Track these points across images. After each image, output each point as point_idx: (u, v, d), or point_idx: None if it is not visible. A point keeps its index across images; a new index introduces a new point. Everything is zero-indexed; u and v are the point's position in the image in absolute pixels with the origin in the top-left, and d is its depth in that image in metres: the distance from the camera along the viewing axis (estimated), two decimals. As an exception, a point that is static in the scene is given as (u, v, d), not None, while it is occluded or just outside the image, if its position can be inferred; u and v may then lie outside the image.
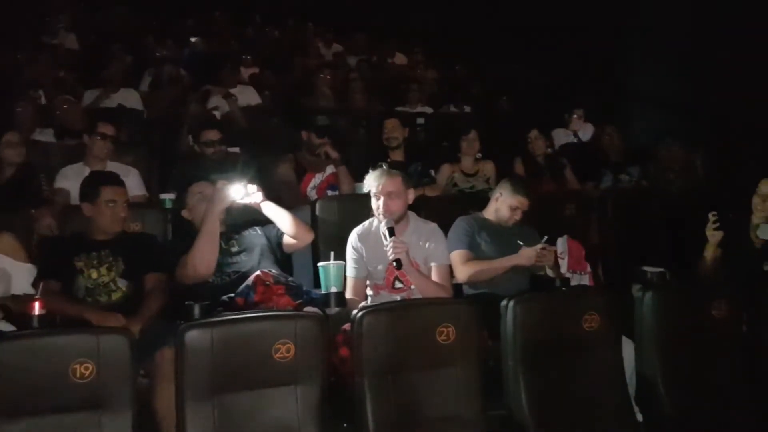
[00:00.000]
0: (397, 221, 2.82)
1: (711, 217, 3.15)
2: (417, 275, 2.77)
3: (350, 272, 2.87)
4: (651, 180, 4.56)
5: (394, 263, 2.64)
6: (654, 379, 2.53)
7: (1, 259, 2.68)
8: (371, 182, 2.85)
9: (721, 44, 5.31)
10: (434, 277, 2.84)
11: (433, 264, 2.86)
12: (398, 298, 2.83)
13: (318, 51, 7.80)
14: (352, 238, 2.93)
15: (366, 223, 2.98)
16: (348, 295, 2.79)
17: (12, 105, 4.41)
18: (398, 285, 2.87)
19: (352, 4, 9.03)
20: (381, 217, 2.79)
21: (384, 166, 2.88)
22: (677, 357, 2.55)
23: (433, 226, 2.98)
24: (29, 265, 2.73)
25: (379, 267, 2.86)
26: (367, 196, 2.93)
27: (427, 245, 2.88)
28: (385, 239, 2.69)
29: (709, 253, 3.17)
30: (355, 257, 2.89)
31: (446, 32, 8.23)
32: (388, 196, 2.80)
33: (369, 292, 2.92)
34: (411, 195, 2.91)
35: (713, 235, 3.14)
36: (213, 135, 4.02)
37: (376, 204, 2.83)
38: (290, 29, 8.76)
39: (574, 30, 6.73)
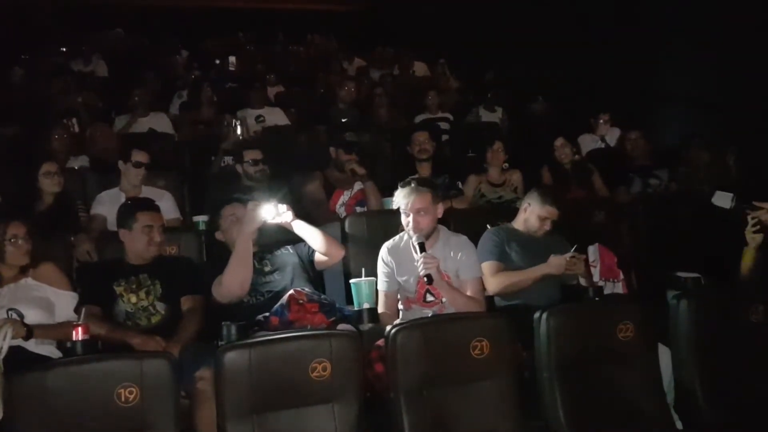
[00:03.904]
0: (427, 236, 2.83)
1: (750, 219, 3.01)
2: (448, 289, 2.78)
3: (381, 286, 2.89)
4: (681, 183, 4.49)
5: (425, 278, 2.65)
6: (692, 386, 2.50)
7: (43, 289, 2.74)
8: (400, 199, 2.86)
9: (751, 43, 5.22)
10: (468, 291, 2.84)
11: (465, 278, 2.86)
12: (430, 312, 2.84)
13: (341, 66, 7.88)
14: (383, 252, 2.96)
15: (396, 237, 3.00)
16: (380, 309, 2.82)
17: (46, 134, 4.52)
18: (429, 299, 2.88)
19: (374, 17, 9.12)
20: (411, 233, 2.81)
21: (413, 183, 2.87)
22: (715, 363, 2.52)
23: (464, 238, 2.98)
24: (71, 293, 2.78)
25: (410, 281, 2.88)
26: (396, 211, 2.95)
27: (459, 256, 2.88)
28: (416, 254, 2.71)
29: (749, 256, 3.05)
30: (386, 271, 2.91)
31: (469, 40, 8.24)
32: (417, 213, 2.81)
33: (400, 306, 2.94)
34: (440, 209, 2.91)
35: (753, 239, 2.99)
36: (256, 154, 4.10)
37: (406, 220, 2.84)
38: (313, 46, 8.88)
39: (599, 33, 6.69)
